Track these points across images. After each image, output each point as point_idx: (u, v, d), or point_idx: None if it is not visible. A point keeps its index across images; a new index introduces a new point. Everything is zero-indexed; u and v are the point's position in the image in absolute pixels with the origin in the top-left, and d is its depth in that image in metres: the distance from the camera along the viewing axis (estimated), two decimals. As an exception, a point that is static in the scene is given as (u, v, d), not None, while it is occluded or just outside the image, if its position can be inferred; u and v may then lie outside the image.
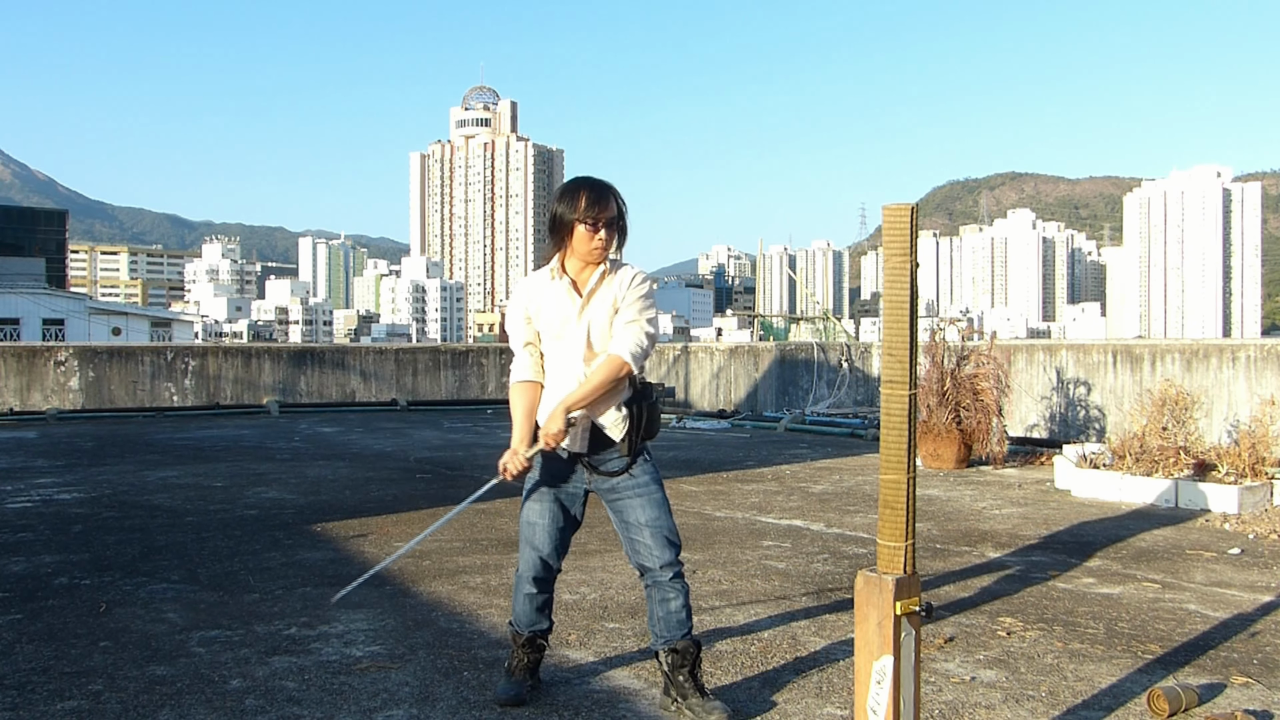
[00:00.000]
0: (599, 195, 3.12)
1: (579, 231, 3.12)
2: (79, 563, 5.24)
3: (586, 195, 3.12)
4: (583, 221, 3.11)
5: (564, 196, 3.16)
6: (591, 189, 3.13)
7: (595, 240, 3.12)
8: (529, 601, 3.28)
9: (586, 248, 3.13)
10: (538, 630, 3.31)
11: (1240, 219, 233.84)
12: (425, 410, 16.78)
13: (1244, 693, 3.39)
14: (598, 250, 3.14)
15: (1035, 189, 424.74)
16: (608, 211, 3.12)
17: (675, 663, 3.17)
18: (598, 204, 3.11)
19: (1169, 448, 7.53)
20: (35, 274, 49.66)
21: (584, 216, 3.11)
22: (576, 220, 3.11)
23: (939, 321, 10.09)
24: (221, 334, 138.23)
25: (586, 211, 3.10)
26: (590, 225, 3.11)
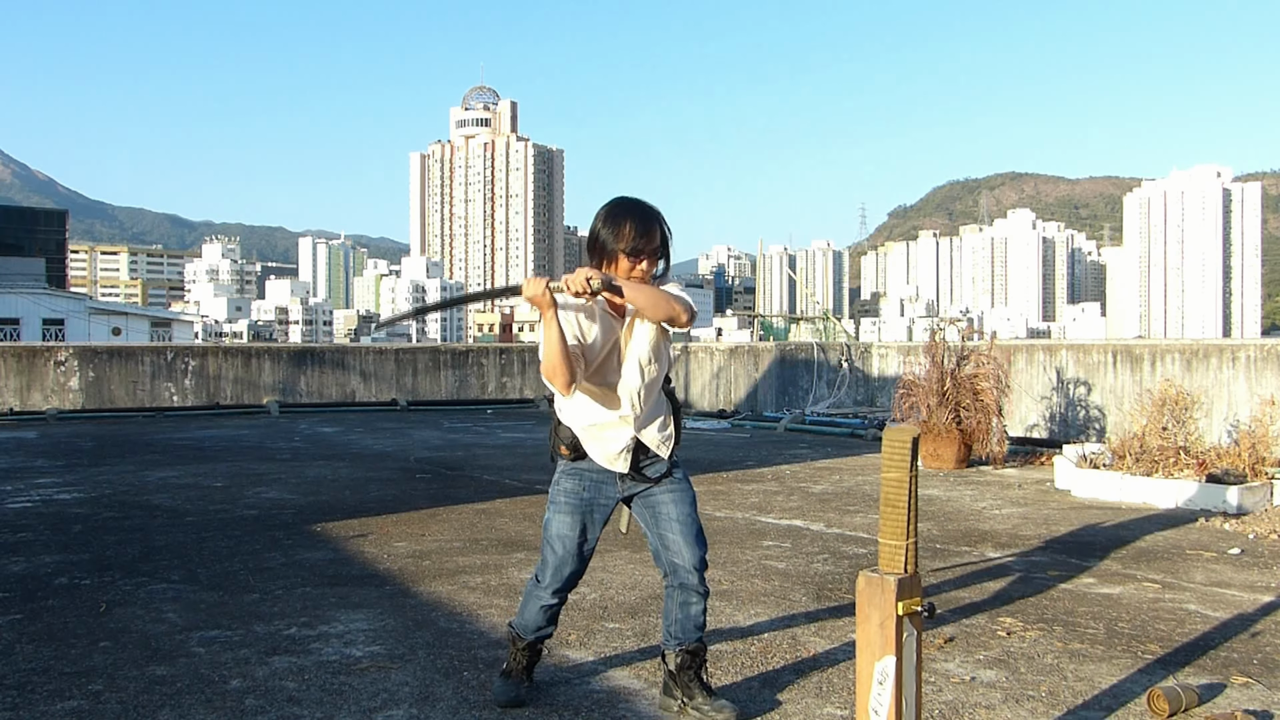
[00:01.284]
0: (645, 227, 3.03)
1: (621, 262, 3.04)
2: (79, 563, 5.24)
3: (633, 226, 3.03)
4: (626, 253, 3.03)
5: (608, 222, 3.06)
6: (638, 220, 3.04)
7: (636, 271, 3.05)
8: (544, 612, 3.23)
9: (625, 276, 3.05)
10: (542, 636, 3.28)
11: (1240, 219, 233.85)
12: (425, 410, 16.78)
13: (1244, 693, 3.39)
14: (637, 279, 3.06)
15: (1035, 189, 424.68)
16: (653, 243, 3.05)
17: (685, 663, 3.15)
18: (643, 236, 3.03)
19: (1169, 448, 7.53)
20: (35, 274, 49.63)
21: (629, 247, 3.03)
22: (621, 251, 3.03)
23: (939, 322, 10.09)
24: (221, 334, 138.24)
25: (633, 243, 3.02)
26: (633, 258, 3.04)
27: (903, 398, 9.48)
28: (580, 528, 3.18)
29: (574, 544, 3.18)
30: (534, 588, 3.25)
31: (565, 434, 3.15)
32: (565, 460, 3.20)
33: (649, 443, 3.14)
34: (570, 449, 3.15)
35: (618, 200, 3.12)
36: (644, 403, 3.11)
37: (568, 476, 3.18)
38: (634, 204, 3.09)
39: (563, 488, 3.19)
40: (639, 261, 3.04)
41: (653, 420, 3.14)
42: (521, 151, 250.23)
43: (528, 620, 3.25)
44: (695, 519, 3.21)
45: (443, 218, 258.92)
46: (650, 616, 4.22)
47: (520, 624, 3.28)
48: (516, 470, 9.03)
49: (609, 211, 3.08)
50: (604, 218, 3.08)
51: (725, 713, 3.08)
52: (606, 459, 3.12)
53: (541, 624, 3.25)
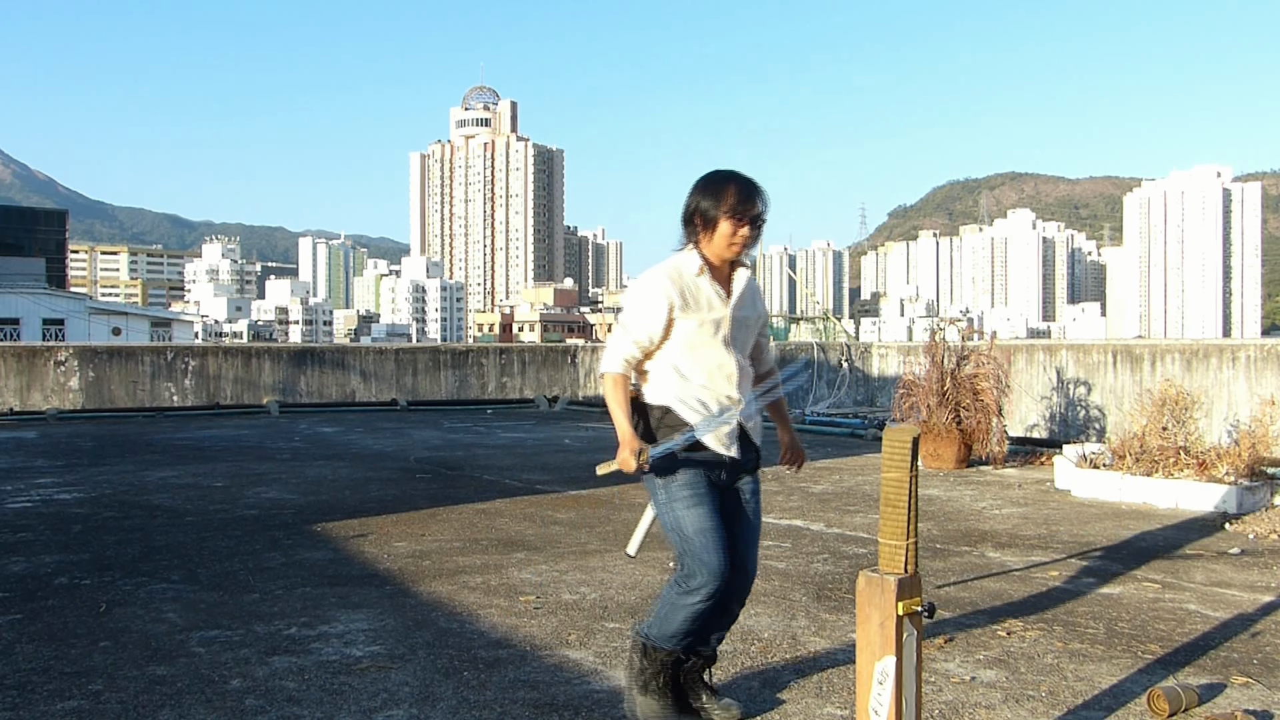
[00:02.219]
0: (748, 192, 2.94)
1: (722, 227, 2.94)
2: (79, 563, 5.24)
3: (736, 190, 2.93)
4: (729, 217, 2.93)
5: (708, 188, 2.97)
6: (741, 184, 2.95)
7: (738, 237, 2.95)
8: (696, 619, 2.96)
9: (725, 244, 2.96)
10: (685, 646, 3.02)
11: (1240, 219, 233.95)
12: (425, 410, 16.78)
13: (1244, 693, 3.39)
14: (736, 248, 2.97)
15: (1035, 189, 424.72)
16: (755, 208, 2.94)
17: (698, 666, 3.13)
18: (747, 200, 2.93)
19: (1169, 448, 7.53)
20: (35, 274, 49.63)
21: (732, 211, 2.93)
22: (723, 215, 2.93)
23: (939, 321, 10.09)
24: (221, 334, 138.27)
25: (736, 207, 2.92)
26: (736, 220, 2.93)
27: (903, 398, 9.48)
28: (716, 513, 2.98)
29: (719, 533, 2.94)
30: (682, 596, 2.96)
31: (675, 420, 2.98)
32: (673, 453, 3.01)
33: (750, 430, 3.07)
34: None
35: (713, 170, 3.04)
36: (744, 386, 3.05)
37: (682, 468, 2.98)
38: (733, 171, 3.01)
39: (682, 480, 2.97)
40: (741, 225, 2.94)
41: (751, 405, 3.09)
42: (521, 151, 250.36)
43: (674, 630, 2.99)
44: (759, 530, 3.15)
45: (443, 218, 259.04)
46: (650, 616, 4.22)
47: (661, 635, 3.02)
48: (516, 470, 9.03)
49: (709, 179, 2.99)
50: (702, 185, 2.99)
51: (732, 711, 3.08)
52: (720, 443, 2.98)
53: (689, 631, 3.00)
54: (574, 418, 15.42)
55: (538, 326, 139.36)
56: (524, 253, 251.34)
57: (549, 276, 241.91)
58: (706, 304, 2.98)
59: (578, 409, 17.06)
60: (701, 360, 2.99)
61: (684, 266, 3.00)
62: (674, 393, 3.00)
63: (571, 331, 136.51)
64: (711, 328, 2.98)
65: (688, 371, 2.99)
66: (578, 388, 18.85)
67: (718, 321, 2.99)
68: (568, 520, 6.40)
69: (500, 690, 3.35)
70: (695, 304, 2.97)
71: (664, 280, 2.97)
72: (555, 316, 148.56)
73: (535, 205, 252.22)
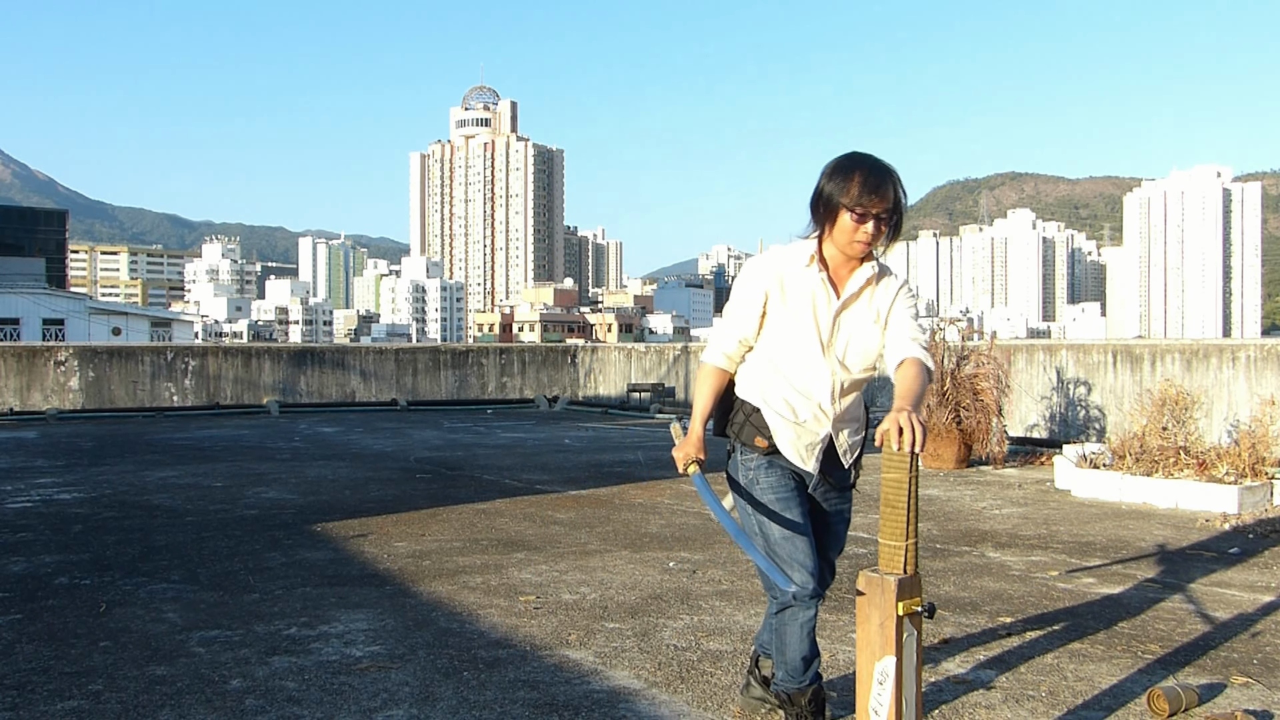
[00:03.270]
0: (877, 181, 2.61)
1: (843, 220, 2.64)
2: (79, 563, 5.24)
3: (861, 179, 2.61)
4: (850, 209, 2.62)
5: (835, 174, 2.66)
6: (869, 171, 2.62)
7: (860, 233, 2.64)
8: (807, 634, 2.76)
9: (848, 239, 2.66)
10: (816, 672, 2.83)
11: (1240, 219, 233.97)
12: (425, 410, 16.77)
13: (1244, 693, 3.38)
14: (860, 245, 2.66)
15: (1035, 189, 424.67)
16: (884, 202, 2.62)
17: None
18: (875, 192, 2.60)
19: (1169, 448, 7.53)
20: (35, 274, 49.64)
21: (854, 203, 2.61)
22: (844, 206, 2.63)
23: (939, 322, 10.07)
24: (221, 334, 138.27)
25: (859, 198, 2.61)
26: (858, 216, 2.63)
27: (903, 398, 9.47)
28: (804, 515, 2.78)
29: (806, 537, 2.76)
30: (783, 612, 2.78)
31: (760, 420, 2.78)
32: (757, 454, 2.81)
33: (840, 446, 2.84)
34: (768, 441, 2.78)
35: (848, 152, 2.72)
36: (843, 399, 2.80)
37: (765, 471, 2.79)
38: (866, 156, 2.69)
39: (768, 483, 2.78)
40: (863, 223, 2.64)
41: (849, 423, 2.85)
42: (521, 151, 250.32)
43: (794, 658, 2.79)
44: (843, 545, 2.99)
45: (443, 218, 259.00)
46: (650, 616, 4.22)
47: (788, 673, 2.82)
48: (516, 470, 9.03)
49: (837, 162, 2.69)
50: (831, 169, 2.68)
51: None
52: (797, 453, 2.78)
53: (809, 652, 2.80)
54: (574, 418, 15.42)
55: (538, 326, 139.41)
56: (524, 253, 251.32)
57: (549, 276, 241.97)
58: (810, 299, 2.73)
59: (578, 409, 17.06)
60: (797, 361, 2.75)
61: (793, 255, 2.76)
62: (762, 391, 2.79)
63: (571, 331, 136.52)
64: (811, 326, 2.73)
65: (782, 370, 2.76)
66: (578, 388, 18.85)
67: (819, 321, 2.73)
68: (568, 520, 6.40)
69: (500, 690, 3.35)
70: (796, 298, 2.73)
71: (765, 269, 2.77)
72: (555, 316, 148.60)
73: (535, 205, 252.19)
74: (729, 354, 2.83)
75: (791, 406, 2.77)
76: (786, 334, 2.75)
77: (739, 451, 2.86)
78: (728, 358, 2.83)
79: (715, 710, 3.18)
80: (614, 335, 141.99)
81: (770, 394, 2.79)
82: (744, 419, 2.82)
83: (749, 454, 2.82)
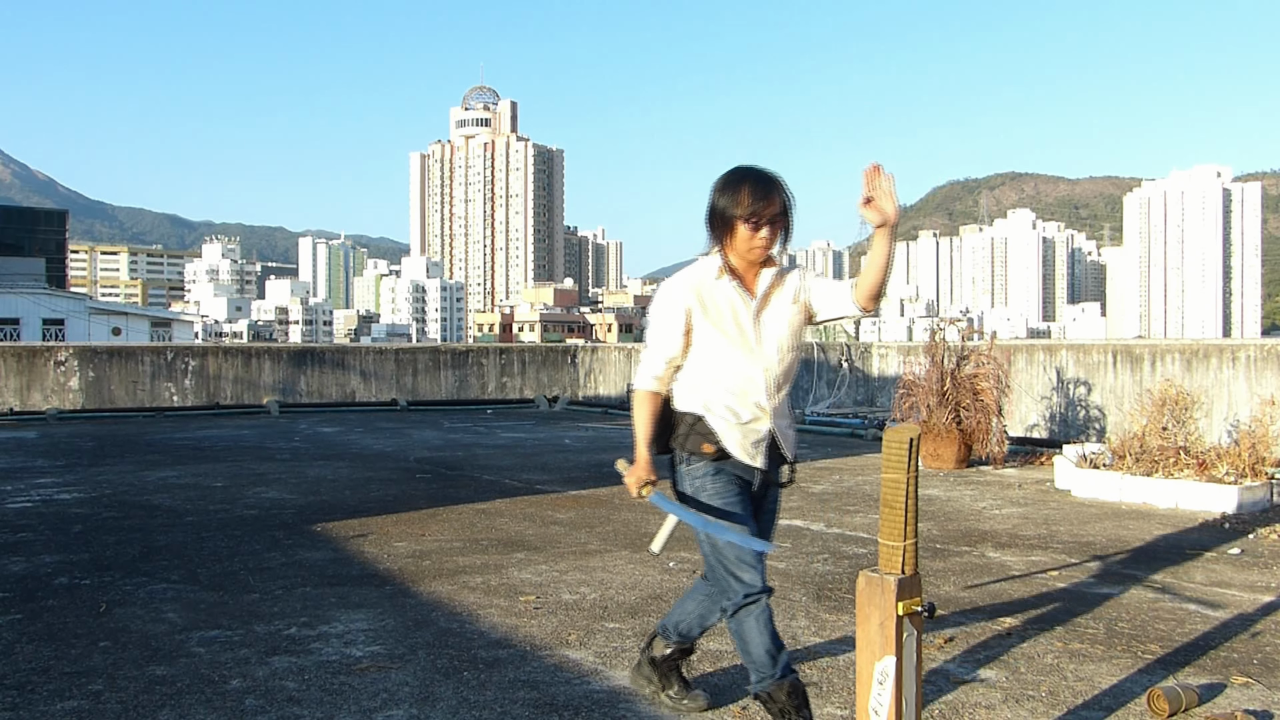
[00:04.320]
0: (765, 189, 2.80)
1: (740, 230, 2.82)
2: (79, 563, 5.24)
3: (750, 189, 2.81)
4: (745, 220, 2.81)
5: (725, 189, 2.84)
6: (755, 181, 2.82)
7: (757, 239, 2.82)
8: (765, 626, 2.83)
9: (747, 246, 2.84)
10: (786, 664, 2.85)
11: (1240, 219, 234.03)
12: (425, 410, 16.77)
13: (1244, 693, 3.39)
14: (759, 250, 2.84)
15: (1035, 189, 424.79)
16: (772, 207, 2.81)
17: (673, 655, 3.21)
18: (764, 199, 2.80)
19: (1169, 448, 7.53)
20: (35, 274, 49.61)
21: (747, 213, 2.80)
22: (738, 217, 2.81)
23: (939, 321, 10.09)
24: (221, 334, 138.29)
25: (751, 207, 2.79)
26: (753, 224, 2.81)
27: (903, 398, 9.48)
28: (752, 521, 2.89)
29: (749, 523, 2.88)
30: (739, 611, 2.84)
31: (705, 428, 2.88)
32: (704, 461, 2.90)
33: (782, 440, 2.95)
34: (715, 446, 2.87)
35: (734, 167, 2.91)
36: (778, 394, 2.93)
37: (711, 478, 2.89)
38: (752, 168, 2.88)
39: (712, 490, 2.88)
40: (759, 229, 2.82)
41: (785, 416, 2.97)
42: (521, 151, 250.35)
43: (757, 650, 2.84)
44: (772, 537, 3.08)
45: (443, 218, 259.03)
46: (650, 616, 4.22)
47: (759, 669, 2.85)
48: (516, 470, 9.03)
49: (725, 178, 2.87)
50: (720, 185, 2.86)
51: (699, 701, 3.16)
52: (745, 452, 2.89)
53: (771, 644, 2.84)
54: (574, 418, 15.42)
55: (538, 326, 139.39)
56: (524, 253, 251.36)
57: (549, 276, 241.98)
58: (730, 308, 2.88)
59: (578, 409, 17.06)
60: (730, 367, 2.88)
61: (704, 271, 2.91)
62: (704, 400, 2.90)
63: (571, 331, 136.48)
64: (736, 333, 2.88)
65: (717, 378, 2.89)
66: (578, 388, 18.85)
67: (741, 326, 2.88)
68: (568, 520, 6.40)
69: (500, 690, 3.35)
70: (716, 310, 2.88)
71: (681, 289, 2.90)
72: (555, 316, 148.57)
73: (535, 205, 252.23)
74: (659, 376, 2.93)
75: (733, 410, 2.89)
76: (715, 344, 2.89)
77: (685, 462, 2.94)
78: (658, 379, 2.93)
79: (715, 710, 3.19)
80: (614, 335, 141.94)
81: (711, 401, 2.90)
82: (688, 429, 2.92)
83: (695, 462, 2.91)
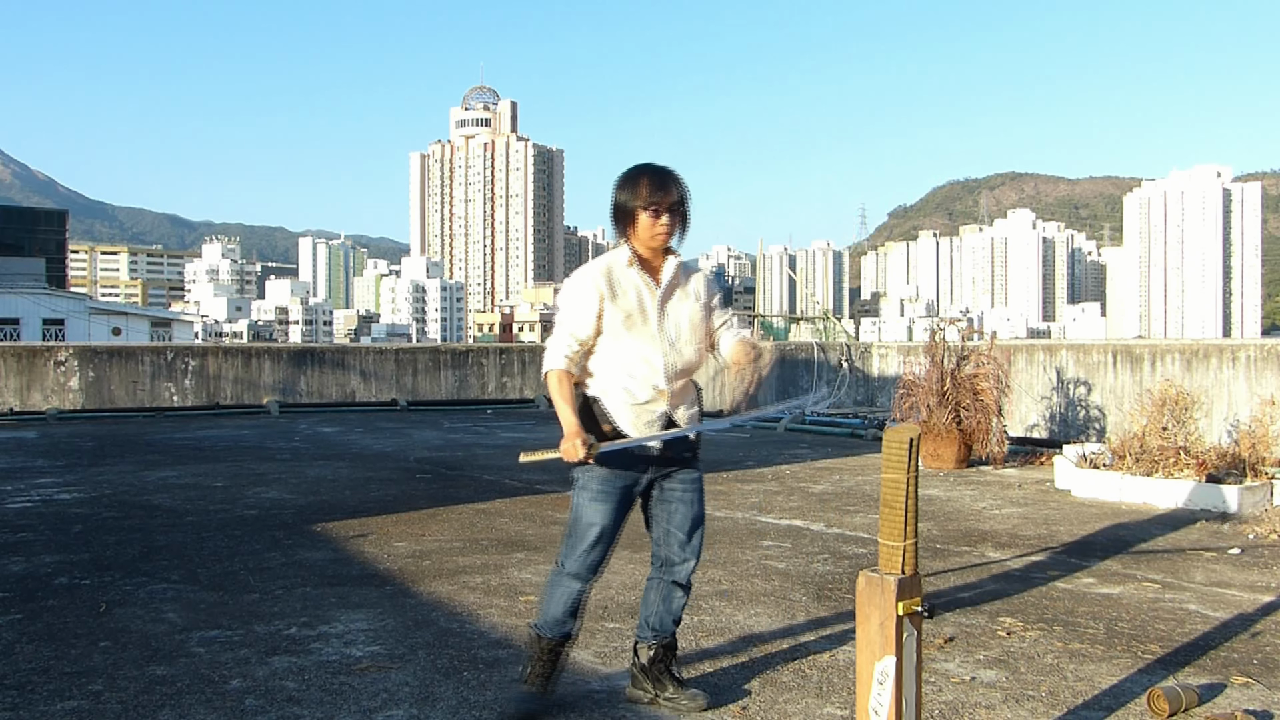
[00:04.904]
0: (660, 180, 3.07)
1: (641, 219, 3.07)
2: (79, 563, 5.24)
3: (648, 181, 3.07)
4: (645, 208, 3.06)
5: (625, 184, 3.10)
6: (652, 174, 3.08)
7: (658, 227, 3.07)
8: (568, 602, 3.14)
9: (649, 234, 3.07)
10: (565, 633, 3.18)
11: (1240, 219, 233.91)
12: (425, 410, 16.78)
13: (1244, 693, 3.39)
14: (660, 237, 3.08)
15: (1035, 189, 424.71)
16: (670, 197, 3.06)
17: (658, 657, 3.22)
18: (660, 189, 3.06)
19: (1169, 448, 7.53)
20: (35, 274, 49.60)
21: (646, 203, 3.05)
22: (639, 208, 3.06)
23: (939, 322, 10.07)
24: (221, 334, 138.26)
25: (649, 198, 3.05)
26: (652, 212, 3.05)
27: (903, 398, 9.48)
28: (615, 516, 3.14)
29: (608, 532, 3.14)
30: (557, 575, 3.17)
31: (602, 410, 3.10)
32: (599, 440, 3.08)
33: (680, 420, 3.15)
34: (611, 426, 3.08)
35: (629, 166, 3.16)
36: (678, 379, 3.13)
37: (605, 464, 3.11)
38: (648, 164, 3.13)
39: (596, 474, 3.12)
40: (658, 218, 3.06)
41: (684, 400, 3.17)
42: (521, 151, 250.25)
43: (551, 616, 3.15)
44: (702, 518, 3.25)
45: (443, 218, 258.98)
46: (650, 616, 4.22)
47: (543, 621, 3.18)
48: (516, 470, 9.03)
49: (624, 175, 3.11)
50: (620, 182, 3.11)
51: (698, 701, 3.16)
52: (638, 430, 3.10)
53: (564, 616, 3.15)
54: (574, 418, 15.40)
55: (538, 326, 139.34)
56: (524, 253, 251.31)
57: (549, 276, 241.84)
58: (636, 295, 3.09)
59: (578, 409, 17.05)
60: (631, 350, 3.09)
61: (614, 260, 3.13)
62: (603, 383, 3.12)
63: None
64: (640, 318, 3.09)
65: (618, 361, 3.10)
66: (578, 388, 18.85)
67: (645, 311, 3.09)
68: (568, 520, 6.39)
69: (500, 690, 3.35)
70: (624, 295, 3.08)
71: (594, 273, 3.10)
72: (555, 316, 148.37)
73: (535, 205, 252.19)
74: (569, 355, 3.10)
75: (629, 390, 3.10)
76: (622, 328, 3.09)
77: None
78: (569, 359, 3.09)
79: (715, 710, 3.19)
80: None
81: (609, 384, 3.11)
82: (585, 412, 3.12)
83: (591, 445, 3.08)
